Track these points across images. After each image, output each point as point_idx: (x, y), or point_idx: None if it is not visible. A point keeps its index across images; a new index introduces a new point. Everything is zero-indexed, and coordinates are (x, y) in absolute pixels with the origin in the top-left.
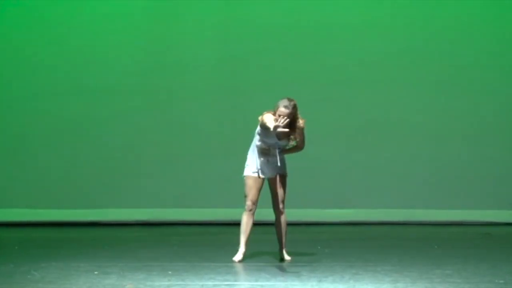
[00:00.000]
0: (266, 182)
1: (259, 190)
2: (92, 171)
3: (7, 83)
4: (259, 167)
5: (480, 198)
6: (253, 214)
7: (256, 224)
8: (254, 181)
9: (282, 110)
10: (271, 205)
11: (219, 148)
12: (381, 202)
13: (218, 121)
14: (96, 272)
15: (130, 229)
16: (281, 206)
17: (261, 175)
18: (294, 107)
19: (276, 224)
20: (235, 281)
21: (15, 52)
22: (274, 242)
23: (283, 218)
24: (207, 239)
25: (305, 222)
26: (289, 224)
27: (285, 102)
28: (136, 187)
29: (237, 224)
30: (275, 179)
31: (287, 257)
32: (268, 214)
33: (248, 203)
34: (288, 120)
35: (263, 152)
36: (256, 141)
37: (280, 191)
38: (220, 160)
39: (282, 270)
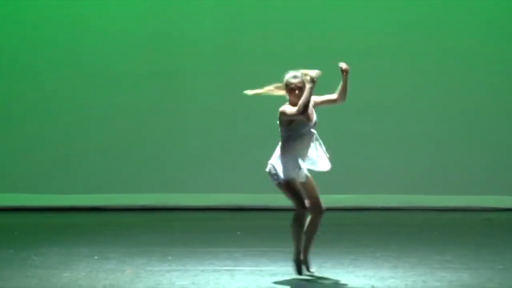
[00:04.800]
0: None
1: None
2: (93, 156)
3: (10, 66)
4: (296, 171)
5: (480, 184)
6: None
7: (258, 210)
8: (294, 183)
9: (293, 81)
10: (272, 190)
11: (221, 133)
12: (381, 188)
13: (221, 108)
14: (96, 257)
15: (131, 214)
16: (323, 204)
17: (301, 180)
18: (302, 75)
19: (311, 224)
20: (235, 266)
21: (19, 35)
22: (274, 228)
23: (319, 220)
24: (208, 225)
25: None
26: (289, 209)
27: (291, 73)
28: (137, 172)
29: (238, 209)
30: (310, 177)
31: (311, 269)
32: (270, 199)
33: (303, 205)
34: (313, 75)
35: (300, 150)
36: (288, 141)
37: (316, 187)
38: (223, 145)
39: (282, 255)
